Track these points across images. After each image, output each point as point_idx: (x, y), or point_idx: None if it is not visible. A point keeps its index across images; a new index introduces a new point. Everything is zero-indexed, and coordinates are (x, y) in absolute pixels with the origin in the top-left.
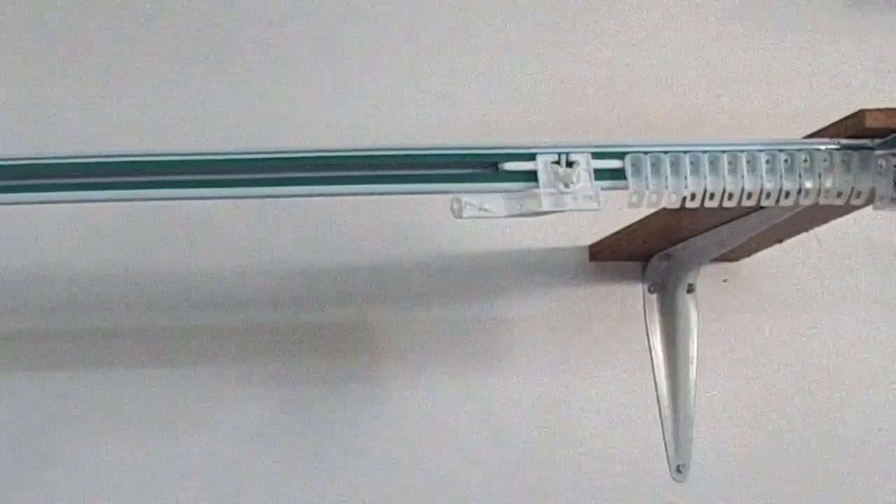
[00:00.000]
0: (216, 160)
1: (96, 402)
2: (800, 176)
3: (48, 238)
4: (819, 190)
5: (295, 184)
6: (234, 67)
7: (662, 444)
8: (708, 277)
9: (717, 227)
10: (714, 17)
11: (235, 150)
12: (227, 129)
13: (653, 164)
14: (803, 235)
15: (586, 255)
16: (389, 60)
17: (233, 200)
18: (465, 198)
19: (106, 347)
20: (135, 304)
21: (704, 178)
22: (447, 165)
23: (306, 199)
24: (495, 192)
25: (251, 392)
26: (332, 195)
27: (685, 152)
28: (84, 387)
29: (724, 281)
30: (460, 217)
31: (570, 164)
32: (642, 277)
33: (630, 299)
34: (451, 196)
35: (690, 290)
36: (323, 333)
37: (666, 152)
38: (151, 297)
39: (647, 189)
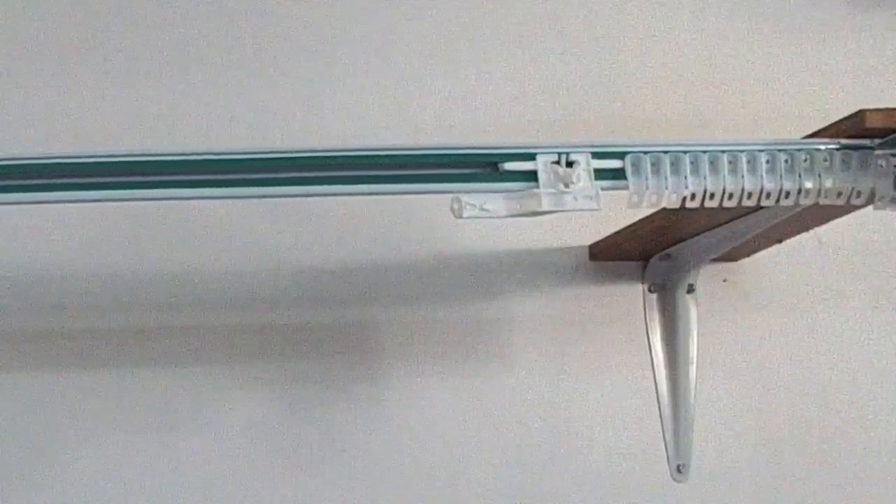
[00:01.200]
0: (216, 160)
1: (96, 402)
2: (800, 176)
3: (48, 238)
4: (819, 190)
5: (295, 184)
6: (234, 67)
7: (662, 444)
8: (708, 277)
9: (717, 227)
10: (714, 17)
11: (235, 150)
12: (227, 129)
13: (653, 164)
14: (803, 235)
15: (586, 255)
16: (389, 60)
17: (233, 200)
18: (465, 198)
19: (106, 347)
20: (135, 304)
21: (704, 178)
22: (447, 165)
23: (306, 199)
24: (495, 192)
25: (251, 392)
26: (332, 195)
27: (685, 152)
28: (84, 387)
29: (724, 281)
30: (460, 217)
31: (570, 164)
32: (642, 277)
33: (630, 299)
34: (451, 196)
35: (690, 290)
36: (323, 333)
37: (666, 152)
38: (151, 297)
39: (647, 189)
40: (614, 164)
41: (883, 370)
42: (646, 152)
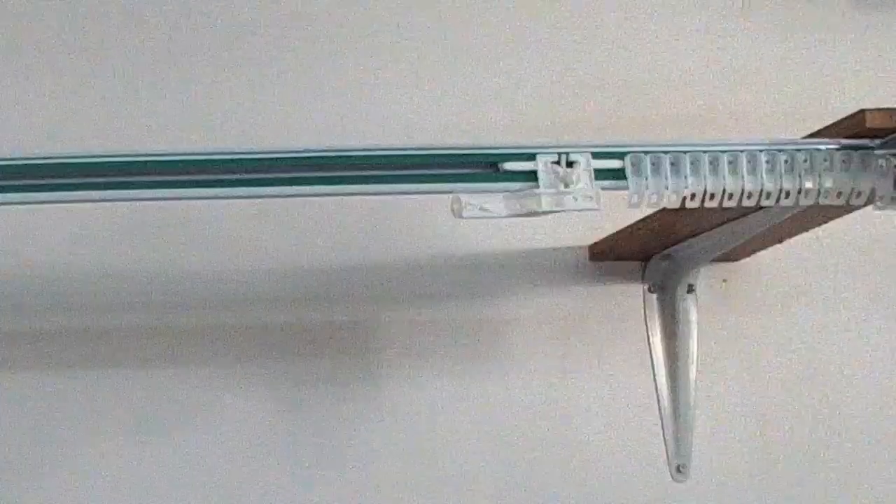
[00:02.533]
0: (216, 160)
1: (96, 402)
2: (800, 176)
3: (48, 238)
4: (819, 190)
5: (295, 184)
6: (234, 67)
7: (662, 444)
8: (708, 277)
9: (717, 227)
10: (714, 17)
11: (235, 150)
12: (228, 128)
13: (653, 164)
14: (803, 235)
15: (586, 255)
16: (390, 60)
17: (232, 200)
18: (465, 198)
19: (106, 347)
20: (135, 304)
21: (704, 178)
22: (447, 165)
23: (306, 199)
24: (495, 192)
25: (251, 392)
26: (332, 195)
27: (685, 152)
28: (84, 387)
29: (724, 281)
30: (460, 217)
31: (570, 164)
32: (642, 277)
33: (630, 299)
34: (451, 196)
35: (690, 290)
36: (323, 333)
37: (666, 152)
38: (151, 297)
39: (647, 189)
40: (614, 164)
41: (883, 370)
42: (646, 152)
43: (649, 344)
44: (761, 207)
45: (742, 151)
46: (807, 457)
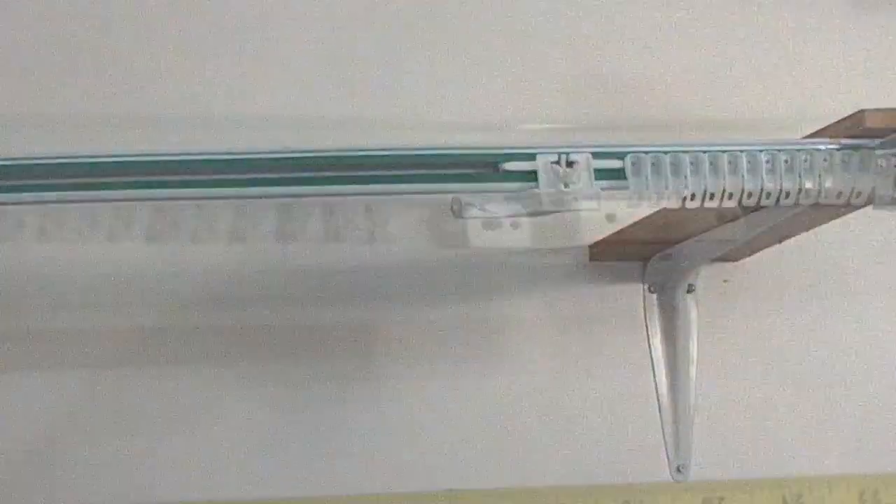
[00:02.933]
0: (217, 160)
1: (96, 402)
2: (800, 176)
3: (47, 237)
4: (819, 190)
5: (295, 184)
6: (234, 67)
7: (662, 444)
8: (708, 277)
9: (717, 227)
10: (714, 17)
11: (237, 151)
12: (227, 129)
13: (653, 164)
14: (803, 235)
15: (586, 255)
16: (389, 60)
17: (233, 200)
18: (465, 198)
19: (105, 347)
20: (135, 304)
21: (704, 178)
22: (447, 165)
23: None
24: (495, 192)
25: (251, 392)
26: (332, 195)
27: (685, 152)
28: (84, 387)
29: (725, 281)
30: (460, 217)
31: (570, 164)
32: (642, 277)
33: (630, 299)
34: (451, 196)
35: (690, 290)
36: (323, 333)
37: (666, 152)
38: (151, 297)
39: (648, 189)
40: (614, 164)
41: (884, 370)
42: (646, 152)
43: (649, 344)
44: (761, 207)
45: (742, 151)
46: (807, 458)
